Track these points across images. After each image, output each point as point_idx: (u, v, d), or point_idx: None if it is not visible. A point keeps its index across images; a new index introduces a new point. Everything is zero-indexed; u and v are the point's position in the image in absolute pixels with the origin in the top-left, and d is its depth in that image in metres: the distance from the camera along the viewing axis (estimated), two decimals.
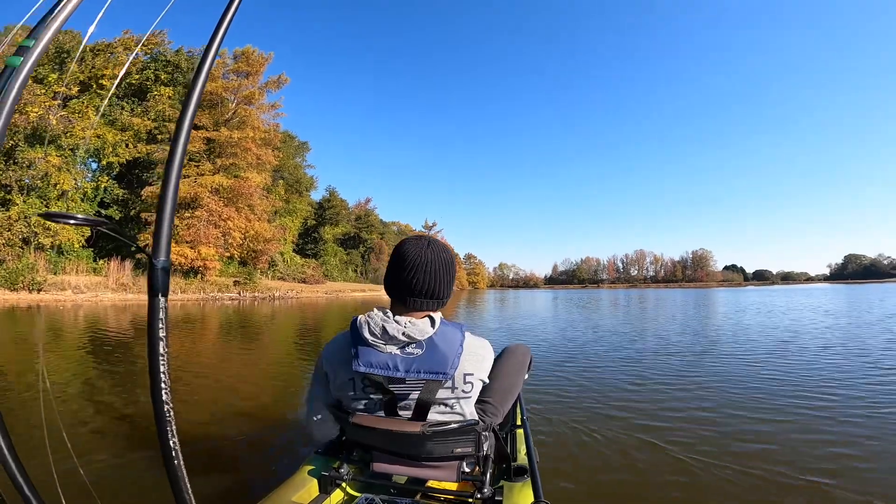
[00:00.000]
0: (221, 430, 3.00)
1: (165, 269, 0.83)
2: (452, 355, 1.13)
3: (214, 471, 2.38)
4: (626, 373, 4.78)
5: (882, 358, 5.42)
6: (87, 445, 2.66)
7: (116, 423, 3.15)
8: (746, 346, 6.59)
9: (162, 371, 0.82)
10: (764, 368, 4.90)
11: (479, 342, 1.24)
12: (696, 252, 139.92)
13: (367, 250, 58.81)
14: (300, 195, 44.99)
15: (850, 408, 3.40)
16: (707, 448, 2.58)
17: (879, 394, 3.78)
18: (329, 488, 1.25)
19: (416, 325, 1.14)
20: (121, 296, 20.72)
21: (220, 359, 6.34)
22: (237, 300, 23.92)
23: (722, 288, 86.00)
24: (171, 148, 0.86)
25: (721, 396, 3.74)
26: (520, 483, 1.25)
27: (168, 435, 0.83)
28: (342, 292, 36.25)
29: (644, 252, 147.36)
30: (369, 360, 1.12)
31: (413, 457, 1.22)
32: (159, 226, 0.83)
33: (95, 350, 6.54)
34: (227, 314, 14.61)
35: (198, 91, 0.90)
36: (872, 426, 2.99)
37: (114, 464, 2.39)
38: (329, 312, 16.34)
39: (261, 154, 29.51)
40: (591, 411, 3.35)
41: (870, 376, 4.45)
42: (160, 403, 0.82)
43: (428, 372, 1.12)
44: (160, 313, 0.82)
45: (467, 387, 1.17)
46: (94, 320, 11.18)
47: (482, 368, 1.22)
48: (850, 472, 2.29)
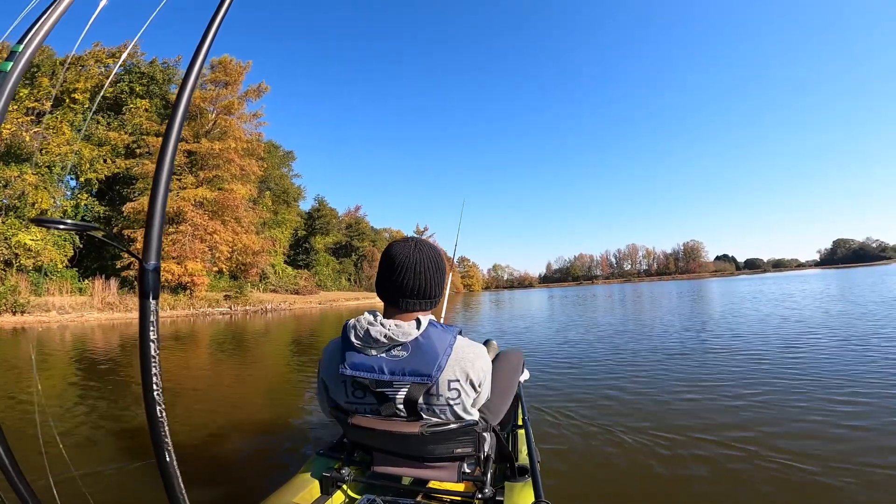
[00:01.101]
0: (221, 440, 2.99)
1: (156, 270, 0.84)
2: (438, 358, 1.10)
3: (215, 478, 2.38)
4: (627, 374, 4.61)
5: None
6: (83, 456, 2.69)
7: (111, 435, 3.16)
8: (753, 342, 6.29)
9: (154, 373, 0.83)
10: (770, 365, 4.61)
11: (471, 347, 1.19)
12: (687, 244, 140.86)
13: (360, 258, 58.15)
14: (288, 205, 44.40)
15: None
16: (707, 449, 2.54)
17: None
18: (330, 489, 1.25)
19: (402, 328, 1.12)
20: (107, 315, 20.01)
21: (214, 372, 6.17)
22: (229, 314, 23.24)
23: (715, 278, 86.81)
24: (161, 152, 0.87)
25: (726, 396, 3.57)
26: (521, 483, 1.24)
27: (161, 436, 0.83)
28: (336, 301, 35.51)
29: (636, 246, 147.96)
30: (355, 364, 1.12)
31: (414, 457, 1.21)
32: (149, 229, 0.85)
33: (87, 368, 6.43)
34: (219, 329, 14.14)
35: (189, 87, 0.91)
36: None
37: (110, 473, 2.42)
38: (324, 322, 15.92)
39: (244, 165, 28.83)
40: (591, 412, 3.30)
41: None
42: (152, 404, 0.83)
43: (412, 374, 1.10)
44: (151, 316, 0.83)
45: (452, 393, 1.14)
46: (83, 340, 10.82)
47: (473, 374, 1.15)
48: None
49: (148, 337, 0.83)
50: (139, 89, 29.38)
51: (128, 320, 19.02)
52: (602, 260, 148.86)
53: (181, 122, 0.89)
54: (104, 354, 7.81)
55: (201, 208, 25.87)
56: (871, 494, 1.96)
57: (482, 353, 1.21)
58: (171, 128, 0.88)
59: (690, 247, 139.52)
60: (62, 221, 0.76)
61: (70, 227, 0.76)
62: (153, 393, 0.83)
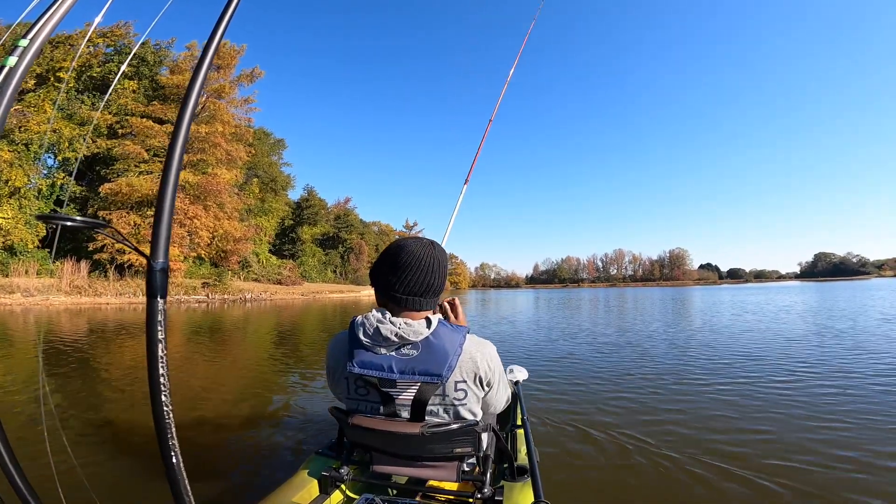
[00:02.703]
0: (218, 439, 2.95)
1: (164, 270, 0.83)
2: (449, 357, 1.10)
3: (213, 477, 2.35)
4: (627, 374, 4.65)
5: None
6: (83, 450, 2.63)
7: (100, 430, 3.10)
8: (750, 353, 6.16)
9: (161, 374, 0.82)
10: (769, 365, 4.79)
11: (480, 345, 1.19)
12: (673, 251, 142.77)
13: (347, 250, 57.50)
14: (276, 194, 43.58)
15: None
16: (707, 450, 2.56)
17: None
18: (329, 489, 1.24)
19: (412, 326, 1.12)
20: (74, 299, 19.31)
21: (188, 362, 5.98)
22: (205, 303, 22.68)
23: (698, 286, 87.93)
24: (169, 150, 0.86)
25: (723, 399, 3.64)
26: (520, 483, 1.23)
27: (168, 437, 0.83)
28: (319, 293, 34.93)
29: (623, 251, 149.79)
30: (363, 361, 1.11)
31: (413, 457, 1.20)
32: (157, 227, 0.84)
33: (51, 357, 6.14)
34: (194, 318, 13.70)
35: (198, 86, 0.91)
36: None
37: (111, 468, 2.41)
38: (305, 315, 15.53)
39: (231, 149, 28.12)
40: (590, 412, 3.32)
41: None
42: (159, 405, 0.82)
43: (423, 374, 1.09)
44: (158, 315, 0.82)
45: (459, 394, 1.14)
46: (48, 324, 10.42)
47: (482, 372, 1.16)
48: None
49: (155, 337, 0.81)
50: (128, 70, 28.53)
51: (96, 305, 18.41)
52: (589, 263, 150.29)
53: (189, 119, 0.87)
54: (71, 342, 7.44)
55: (183, 192, 25.15)
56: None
57: (491, 350, 1.20)
58: (179, 125, 0.86)
59: (676, 254, 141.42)
60: (70, 218, 0.74)
61: (79, 224, 0.75)
62: (161, 394, 0.82)
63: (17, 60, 0.74)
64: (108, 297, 20.43)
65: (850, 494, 2.05)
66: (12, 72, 0.74)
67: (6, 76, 0.74)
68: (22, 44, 0.75)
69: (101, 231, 0.81)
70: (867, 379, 4.23)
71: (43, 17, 0.78)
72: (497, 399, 1.27)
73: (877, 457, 2.44)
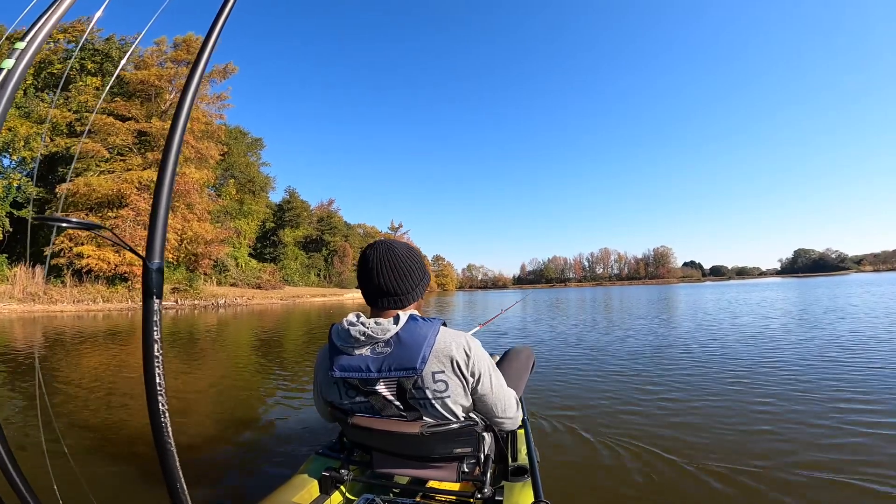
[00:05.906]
0: (217, 440, 2.90)
1: (160, 270, 0.84)
2: (421, 349, 1.10)
3: (211, 478, 2.29)
4: (627, 376, 4.51)
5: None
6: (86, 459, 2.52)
7: (94, 433, 3.03)
8: (744, 353, 5.62)
9: (157, 373, 0.82)
10: (769, 366, 4.56)
11: (454, 335, 1.17)
12: (657, 249, 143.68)
13: (331, 253, 56.19)
14: (255, 195, 42.14)
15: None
16: (707, 452, 2.47)
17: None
18: (329, 489, 1.24)
19: (381, 325, 1.13)
20: (27, 307, 17.87)
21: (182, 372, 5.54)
22: (175, 309, 21.31)
23: (682, 284, 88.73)
24: (165, 150, 0.86)
25: (727, 402, 3.44)
26: (520, 483, 1.22)
27: (165, 438, 0.83)
28: (301, 297, 33.46)
29: (609, 250, 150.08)
30: (342, 365, 1.13)
31: (413, 457, 1.21)
32: (153, 228, 0.84)
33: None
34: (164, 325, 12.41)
35: (193, 86, 0.90)
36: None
37: (108, 471, 2.37)
38: (285, 321, 14.30)
39: (201, 147, 26.82)
40: (590, 413, 3.27)
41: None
42: (156, 406, 0.82)
43: (398, 369, 1.10)
44: (154, 316, 0.82)
45: (440, 385, 1.13)
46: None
47: (459, 358, 1.14)
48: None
49: (152, 337, 0.82)
50: (91, 66, 27.26)
51: (51, 314, 17.00)
52: (575, 263, 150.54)
53: (184, 122, 0.87)
54: (31, 355, 6.64)
55: (147, 191, 23.65)
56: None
57: (466, 338, 1.17)
58: (174, 128, 0.87)
59: (660, 252, 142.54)
60: (67, 219, 0.74)
61: (75, 225, 0.76)
62: (157, 394, 0.82)
63: (14, 63, 0.75)
64: (63, 303, 19.03)
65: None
66: (10, 74, 0.75)
67: (4, 78, 0.74)
68: (19, 46, 0.76)
69: (97, 232, 0.81)
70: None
71: (40, 19, 0.78)
72: (496, 395, 1.22)
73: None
